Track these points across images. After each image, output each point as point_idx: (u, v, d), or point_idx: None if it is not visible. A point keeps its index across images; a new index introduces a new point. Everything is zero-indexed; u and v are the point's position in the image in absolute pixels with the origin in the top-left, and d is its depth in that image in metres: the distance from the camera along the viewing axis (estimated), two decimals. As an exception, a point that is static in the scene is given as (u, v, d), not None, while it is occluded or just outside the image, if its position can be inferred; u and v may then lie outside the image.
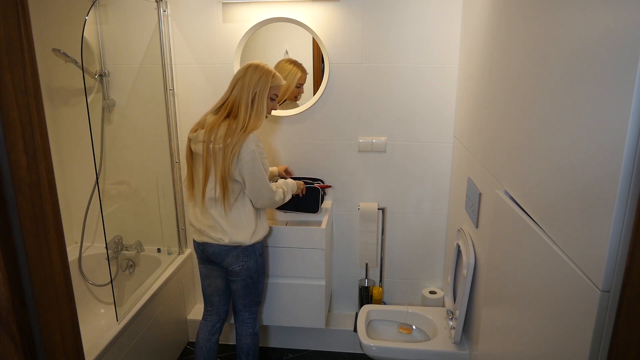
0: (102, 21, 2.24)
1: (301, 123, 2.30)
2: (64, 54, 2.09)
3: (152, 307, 2.14)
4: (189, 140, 1.81)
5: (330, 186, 2.36)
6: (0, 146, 0.67)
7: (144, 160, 2.43)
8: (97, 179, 2.00)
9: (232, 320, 2.09)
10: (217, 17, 2.19)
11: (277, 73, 1.82)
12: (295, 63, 2.27)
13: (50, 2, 2.23)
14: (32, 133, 0.71)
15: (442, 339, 1.90)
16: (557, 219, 0.93)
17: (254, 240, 1.86)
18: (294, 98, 2.31)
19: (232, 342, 2.56)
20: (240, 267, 1.87)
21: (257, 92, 1.76)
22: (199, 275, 2.60)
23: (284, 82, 1.85)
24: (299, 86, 2.28)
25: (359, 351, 2.40)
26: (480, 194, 1.66)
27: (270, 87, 1.78)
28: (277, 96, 1.85)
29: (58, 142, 2.41)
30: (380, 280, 2.49)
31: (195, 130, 1.79)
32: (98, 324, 2.28)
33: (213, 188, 1.77)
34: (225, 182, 1.75)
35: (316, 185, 2.20)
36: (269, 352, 2.48)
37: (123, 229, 2.36)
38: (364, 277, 2.47)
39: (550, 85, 0.99)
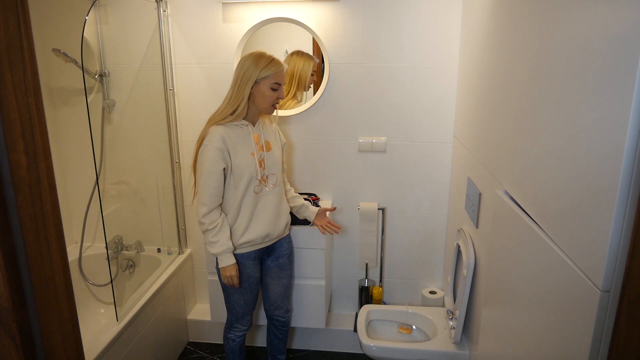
0: (102, 21, 2.24)
1: (301, 123, 2.30)
2: (64, 54, 2.09)
3: (152, 307, 2.14)
4: None
5: (319, 198, 2.37)
6: (0, 146, 0.67)
7: (144, 160, 2.43)
8: (97, 179, 2.00)
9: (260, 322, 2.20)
10: (217, 17, 2.19)
11: (275, 59, 1.70)
12: (303, 55, 2.26)
13: (50, 2, 2.23)
14: (32, 133, 0.71)
15: (442, 339, 1.90)
16: (557, 219, 0.93)
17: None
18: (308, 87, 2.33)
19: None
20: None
21: (241, 80, 1.69)
22: (199, 275, 2.62)
23: (284, 66, 1.71)
24: (313, 74, 2.28)
25: (359, 351, 2.40)
26: (480, 194, 1.66)
27: (263, 75, 1.67)
28: (279, 85, 1.71)
29: (58, 142, 2.41)
30: (380, 280, 2.49)
31: None
32: (98, 324, 2.27)
33: None
34: (193, 172, 1.80)
35: (310, 199, 2.21)
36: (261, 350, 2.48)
37: (123, 229, 2.36)
38: (364, 277, 2.47)
39: (550, 85, 0.99)
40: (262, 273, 1.97)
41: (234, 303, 1.91)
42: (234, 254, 1.80)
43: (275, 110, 1.81)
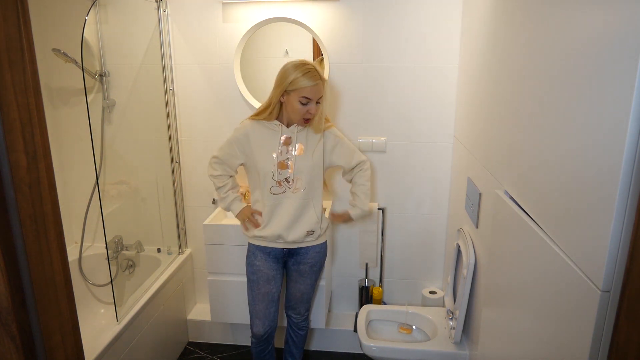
0: (102, 21, 2.24)
1: (301, 123, 2.30)
2: (64, 54, 2.09)
3: (152, 307, 2.14)
4: None
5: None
6: (1, 146, 0.67)
7: (144, 160, 2.43)
8: (97, 179, 2.00)
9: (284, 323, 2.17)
10: (217, 17, 2.19)
11: (310, 72, 1.66)
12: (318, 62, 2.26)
13: (50, 2, 2.23)
14: (32, 133, 0.71)
15: (442, 339, 1.90)
16: (557, 219, 0.93)
17: (244, 231, 1.91)
18: None
19: (231, 342, 2.56)
20: None
21: (276, 84, 1.72)
22: (199, 275, 2.62)
23: (318, 81, 1.67)
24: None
25: (359, 351, 2.40)
26: (480, 194, 1.66)
27: (292, 88, 1.66)
28: (308, 100, 1.67)
29: (58, 142, 2.41)
30: (380, 280, 2.49)
31: None
32: (98, 324, 2.27)
33: None
34: None
35: None
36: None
37: (123, 229, 2.36)
38: (364, 277, 2.47)
39: (550, 84, 0.99)
40: (286, 274, 1.99)
41: (247, 300, 1.94)
42: (252, 244, 1.89)
43: (309, 123, 1.76)
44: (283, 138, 1.78)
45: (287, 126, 1.79)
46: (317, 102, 1.72)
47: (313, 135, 1.82)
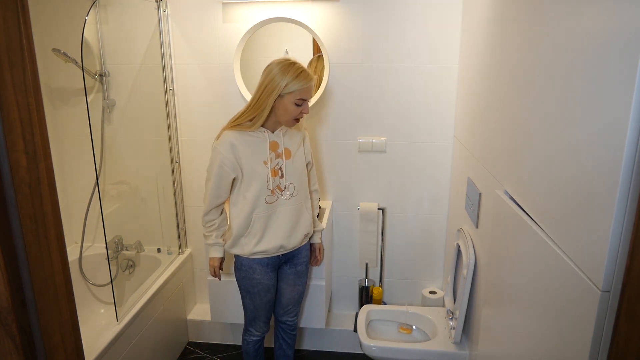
0: (102, 21, 2.24)
1: (301, 123, 2.30)
2: (64, 54, 2.09)
3: (152, 307, 2.14)
4: None
5: None
6: (1, 146, 0.67)
7: (144, 160, 2.43)
8: (97, 179, 2.00)
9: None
10: (217, 17, 2.19)
11: (303, 72, 1.61)
12: (312, 63, 2.25)
13: (50, 2, 2.23)
14: (32, 133, 0.71)
15: (442, 339, 1.90)
16: (557, 219, 0.93)
17: (232, 251, 1.81)
18: None
19: (231, 342, 2.56)
20: None
21: (264, 89, 1.62)
22: (199, 275, 2.62)
23: (312, 80, 1.63)
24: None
25: (359, 351, 2.40)
26: (480, 194, 1.66)
27: (289, 90, 1.59)
28: (304, 101, 1.63)
29: (58, 142, 2.41)
30: (380, 280, 2.49)
31: None
32: (98, 324, 2.27)
33: None
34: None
35: None
36: (269, 352, 2.48)
37: (123, 229, 2.36)
38: (364, 277, 2.47)
39: (550, 85, 0.99)
40: (278, 278, 1.93)
41: (245, 306, 1.91)
42: (247, 258, 1.80)
43: (299, 122, 1.73)
44: (271, 143, 1.72)
45: (272, 131, 1.72)
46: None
47: (294, 137, 1.79)
